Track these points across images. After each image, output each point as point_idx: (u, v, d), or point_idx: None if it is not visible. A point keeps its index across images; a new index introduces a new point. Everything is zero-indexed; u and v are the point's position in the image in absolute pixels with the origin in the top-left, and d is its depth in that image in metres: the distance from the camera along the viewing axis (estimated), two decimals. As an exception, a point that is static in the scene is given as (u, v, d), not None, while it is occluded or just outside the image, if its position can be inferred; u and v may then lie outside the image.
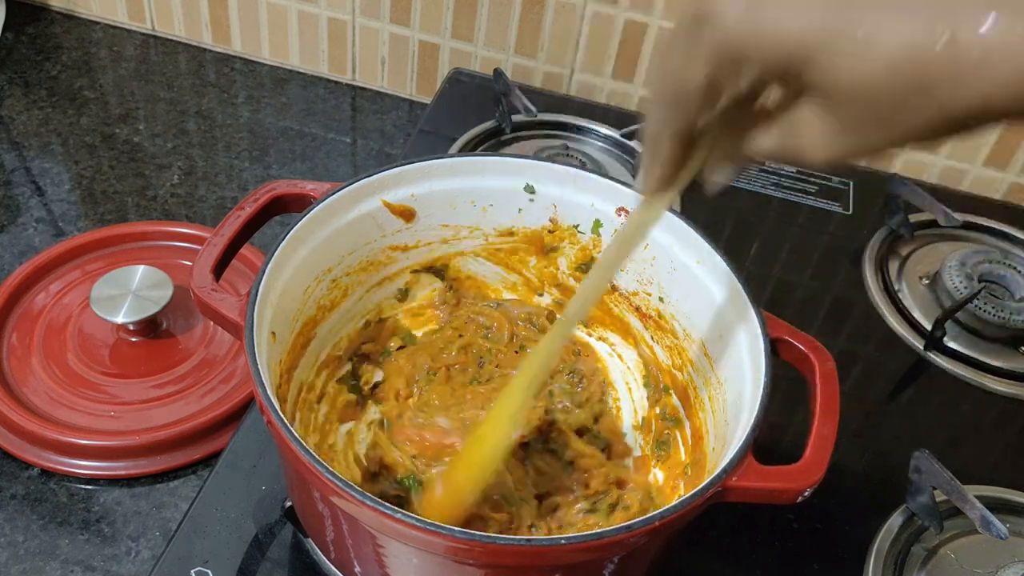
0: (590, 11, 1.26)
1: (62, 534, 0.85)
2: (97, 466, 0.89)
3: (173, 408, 0.92)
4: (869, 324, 1.08)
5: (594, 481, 0.77)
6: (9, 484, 0.88)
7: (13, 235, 1.11)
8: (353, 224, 0.79)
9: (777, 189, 1.23)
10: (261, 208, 0.75)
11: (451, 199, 0.83)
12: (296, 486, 0.70)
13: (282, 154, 1.28)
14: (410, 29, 1.34)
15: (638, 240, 0.66)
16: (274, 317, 0.70)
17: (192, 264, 0.71)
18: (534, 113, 1.21)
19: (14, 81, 1.34)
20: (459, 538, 0.56)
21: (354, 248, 0.81)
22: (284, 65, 1.44)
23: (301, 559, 0.78)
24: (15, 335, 0.97)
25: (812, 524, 0.87)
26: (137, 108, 1.33)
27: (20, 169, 1.21)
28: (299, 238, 0.74)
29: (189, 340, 0.99)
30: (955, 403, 1.02)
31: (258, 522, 0.79)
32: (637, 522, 0.58)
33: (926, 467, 0.84)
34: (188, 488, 0.89)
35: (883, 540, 0.84)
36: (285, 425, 0.60)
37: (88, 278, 1.02)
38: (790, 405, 0.83)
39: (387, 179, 0.80)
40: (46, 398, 0.92)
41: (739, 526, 0.86)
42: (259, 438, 0.85)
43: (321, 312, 0.80)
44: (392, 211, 0.81)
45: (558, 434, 0.79)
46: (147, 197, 1.19)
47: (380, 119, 1.38)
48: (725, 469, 0.62)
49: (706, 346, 0.78)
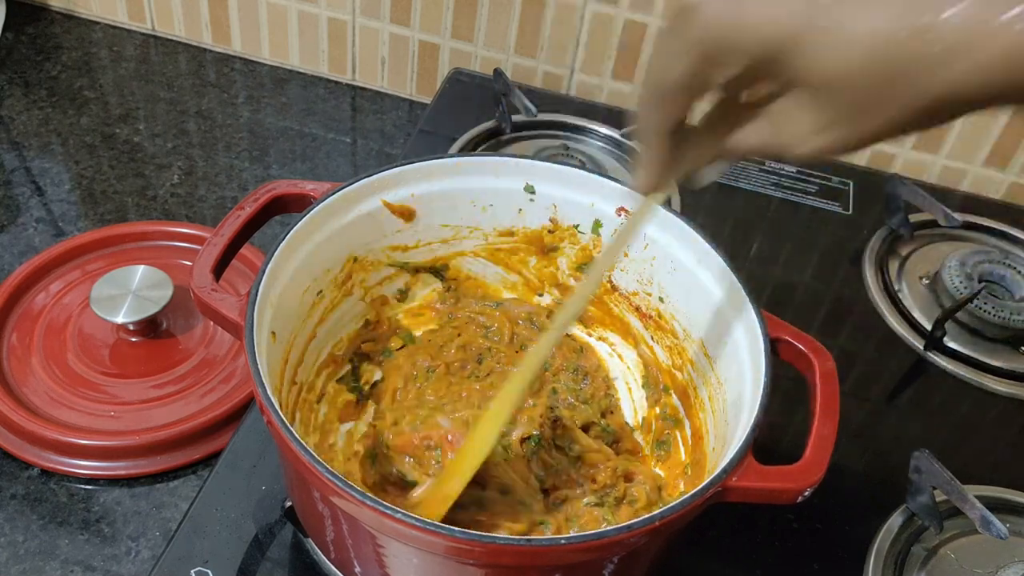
0: (590, 11, 1.26)
1: (62, 534, 0.85)
2: (97, 466, 0.89)
3: (173, 408, 0.92)
4: (869, 324, 1.08)
5: (601, 475, 0.77)
6: (9, 484, 0.88)
7: (13, 235, 1.11)
8: (353, 224, 0.79)
9: (777, 189, 1.23)
10: (261, 208, 0.75)
11: (451, 199, 0.83)
12: (296, 486, 0.70)
13: (282, 154, 1.28)
14: (410, 29, 1.34)
15: (631, 237, 0.66)
16: (274, 317, 0.70)
17: (192, 264, 0.71)
18: (534, 113, 1.21)
19: (14, 81, 1.34)
20: (459, 538, 0.56)
21: (354, 248, 0.81)
22: (284, 65, 1.44)
23: (301, 559, 0.78)
24: (15, 335, 0.97)
25: (812, 524, 0.86)
26: (137, 108, 1.33)
27: (20, 169, 1.20)
28: (299, 238, 0.74)
29: (189, 340, 0.99)
30: (955, 403, 1.02)
31: (258, 522, 0.79)
32: (637, 522, 0.58)
33: (926, 467, 0.83)
34: (188, 488, 0.89)
35: (883, 540, 0.84)
36: (285, 425, 0.60)
37: (88, 278, 1.02)
38: (790, 405, 0.83)
39: (387, 179, 0.80)
40: (46, 398, 0.92)
41: (739, 526, 0.86)
42: (259, 438, 0.85)
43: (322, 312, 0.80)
44: (392, 211, 0.81)
45: (564, 431, 0.79)
46: (147, 197, 1.19)
47: (380, 119, 1.38)
48: (725, 469, 0.62)
49: (706, 346, 0.78)
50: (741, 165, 1.25)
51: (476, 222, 0.86)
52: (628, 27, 1.26)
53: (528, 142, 1.24)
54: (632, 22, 1.25)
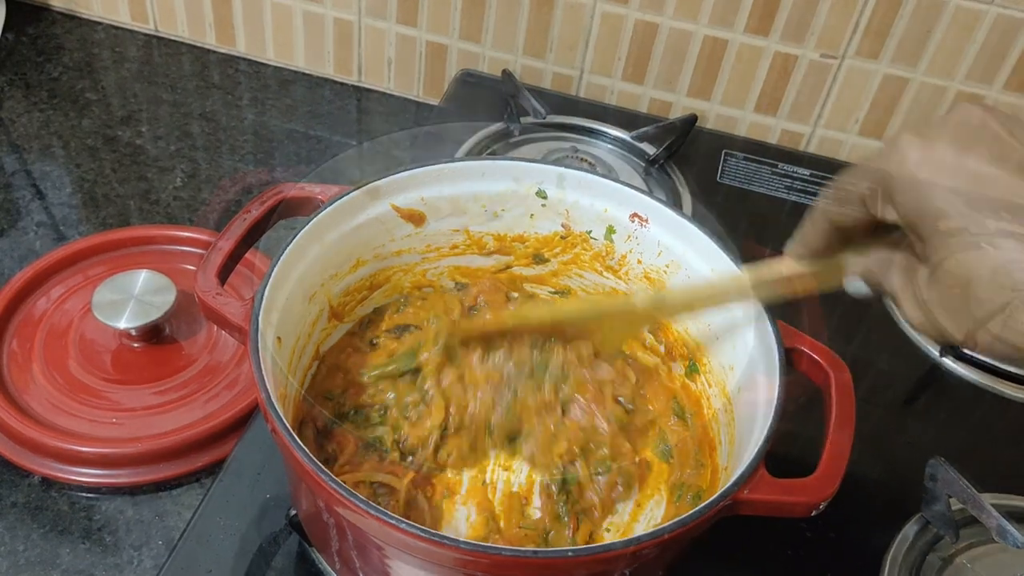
0: (600, 11, 1.25)
1: (63, 543, 0.84)
2: (99, 474, 0.88)
3: (176, 415, 0.91)
4: (884, 330, 1.07)
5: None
6: (9, 492, 0.87)
7: (14, 239, 1.10)
8: (361, 228, 0.78)
9: (790, 192, 1.23)
10: (267, 211, 0.74)
11: (461, 204, 0.82)
12: (301, 496, 0.69)
13: (287, 157, 1.28)
14: (417, 29, 1.33)
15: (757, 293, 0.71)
16: (280, 322, 0.70)
17: (196, 268, 0.70)
18: (543, 115, 1.21)
19: (15, 83, 1.33)
20: (465, 549, 0.56)
21: (362, 253, 0.80)
22: (289, 66, 1.43)
23: (306, 569, 0.77)
24: (16, 341, 0.96)
25: (826, 533, 0.86)
26: (140, 110, 1.32)
27: (21, 172, 1.20)
28: (306, 242, 0.73)
29: (192, 346, 0.98)
30: (971, 410, 1.01)
31: (262, 532, 0.78)
32: (645, 535, 0.58)
33: (942, 475, 0.83)
34: (191, 497, 0.88)
35: (898, 549, 0.83)
36: (289, 433, 0.59)
37: (90, 283, 1.01)
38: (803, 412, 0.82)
39: (396, 183, 0.79)
40: (47, 405, 0.91)
41: (752, 535, 0.84)
42: (264, 446, 0.85)
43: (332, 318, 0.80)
44: (401, 215, 0.80)
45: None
46: (150, 200, 1.18)
47: (387, 121, 1.37)
48: (736, 482, 0.61)
49: (720, 355, 0.77)
50: (753, 167, 1.24)
51: (488, 227, 0.85)
52: (638, 28, 1.25)
53: (537, 144, 1.23)
54: (642, 22, 1.24)
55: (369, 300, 0.84)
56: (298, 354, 0.76)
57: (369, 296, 0.84)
